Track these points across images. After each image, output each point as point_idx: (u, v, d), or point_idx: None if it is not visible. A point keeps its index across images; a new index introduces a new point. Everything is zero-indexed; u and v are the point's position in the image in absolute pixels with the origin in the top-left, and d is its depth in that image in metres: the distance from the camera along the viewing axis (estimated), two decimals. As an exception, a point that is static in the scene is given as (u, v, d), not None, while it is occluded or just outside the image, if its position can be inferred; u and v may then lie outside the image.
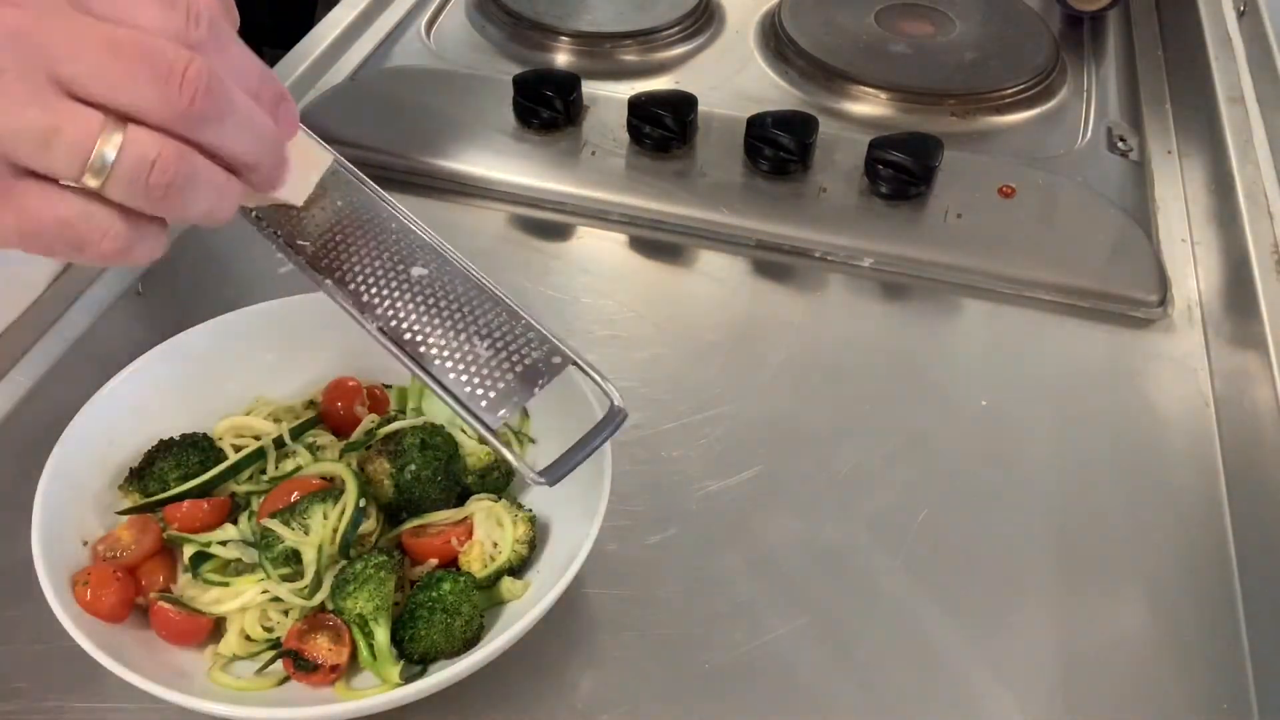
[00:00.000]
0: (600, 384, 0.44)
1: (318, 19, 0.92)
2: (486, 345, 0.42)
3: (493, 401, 0.41)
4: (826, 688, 0.49)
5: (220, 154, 0.35)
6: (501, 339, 0.43)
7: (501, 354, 0.42)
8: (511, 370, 0.42)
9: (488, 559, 0.50)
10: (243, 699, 0.45)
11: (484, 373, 0.42)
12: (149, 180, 0.32)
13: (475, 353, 0.42)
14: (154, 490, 0.51)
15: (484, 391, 0.42)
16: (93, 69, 0.31)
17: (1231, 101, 0.82)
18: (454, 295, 0.43)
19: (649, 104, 0.75)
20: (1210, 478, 0.59)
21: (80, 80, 0.31)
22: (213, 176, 0.34)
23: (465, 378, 0.42)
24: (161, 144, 0.32)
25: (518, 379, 0.42)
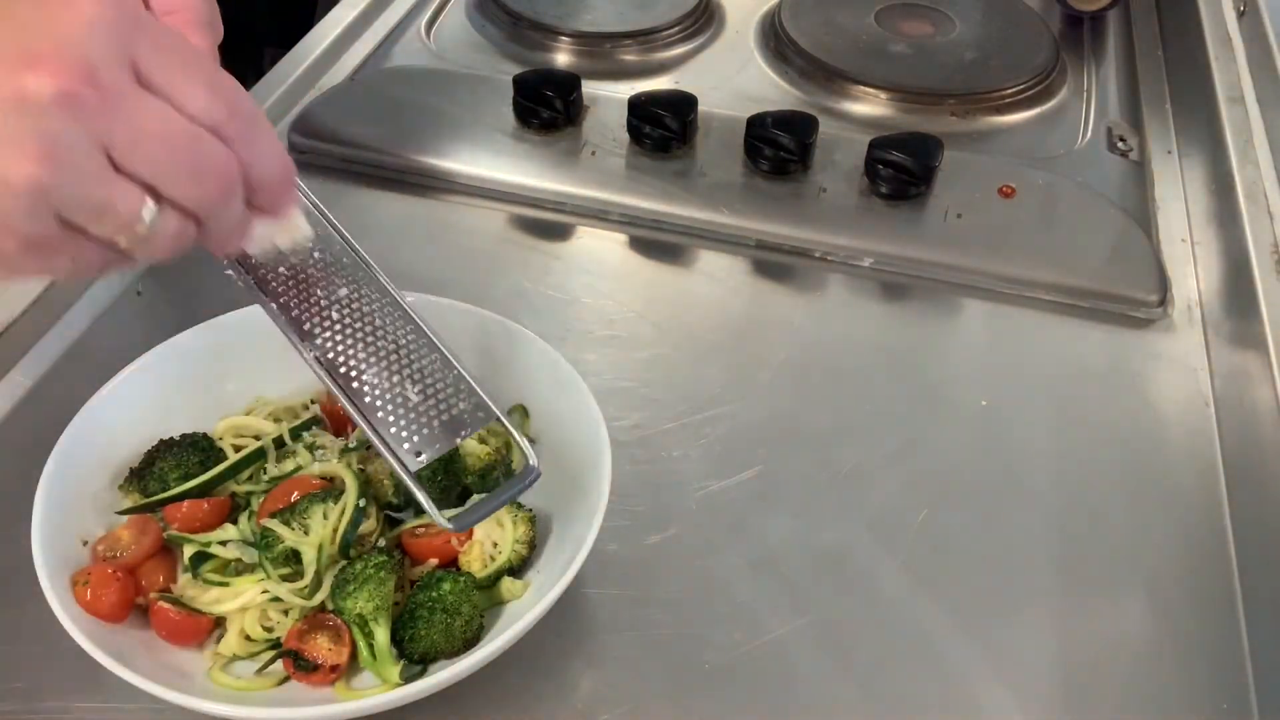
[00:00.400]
0: (518, 441, 0.46)
1: (318, 19, 0.92)
2: (417, 390, 0.44)
3: (414, 445, 0.43)
4: (826, 688, 0.49)
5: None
6: (432, 386, 0.44)
7: (430, 400, 0.44)
8: (437, 418, 0.44)
9: (488, 559, 0.50)
10: (243, 699, 0.45)
11: (410, 417, 0.43)
12: (170, 245, 0.37)
13: (405, 396, 0.44)
14: (154, 490, 0.51)
15: (408, 434, 0.43)
16: (146, 158, 0.34)
17: (1231, 101, 0.82)
18: (393, 336, 0.45)
19: (649, 104, 0.75)
20: (1210, 478, 0.59)
21: (132, 163, 0.34)
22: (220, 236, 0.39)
23: (392, 419, 0.43)
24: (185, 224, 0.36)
25: (442, 427, 0.44)
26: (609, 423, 0.51)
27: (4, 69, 0.31)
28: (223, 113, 0.36)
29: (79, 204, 0.33)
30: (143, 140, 0.34)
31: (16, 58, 0.32)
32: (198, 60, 0.36)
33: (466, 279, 0.69)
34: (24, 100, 0.31)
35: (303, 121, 0.79)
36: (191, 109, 0.35)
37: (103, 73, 0.32)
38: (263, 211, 0.39)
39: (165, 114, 0.34)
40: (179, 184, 0.35)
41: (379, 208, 0.75)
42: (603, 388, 0.60)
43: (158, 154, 0.34)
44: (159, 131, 0.34)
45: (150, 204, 0.35)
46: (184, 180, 0.35)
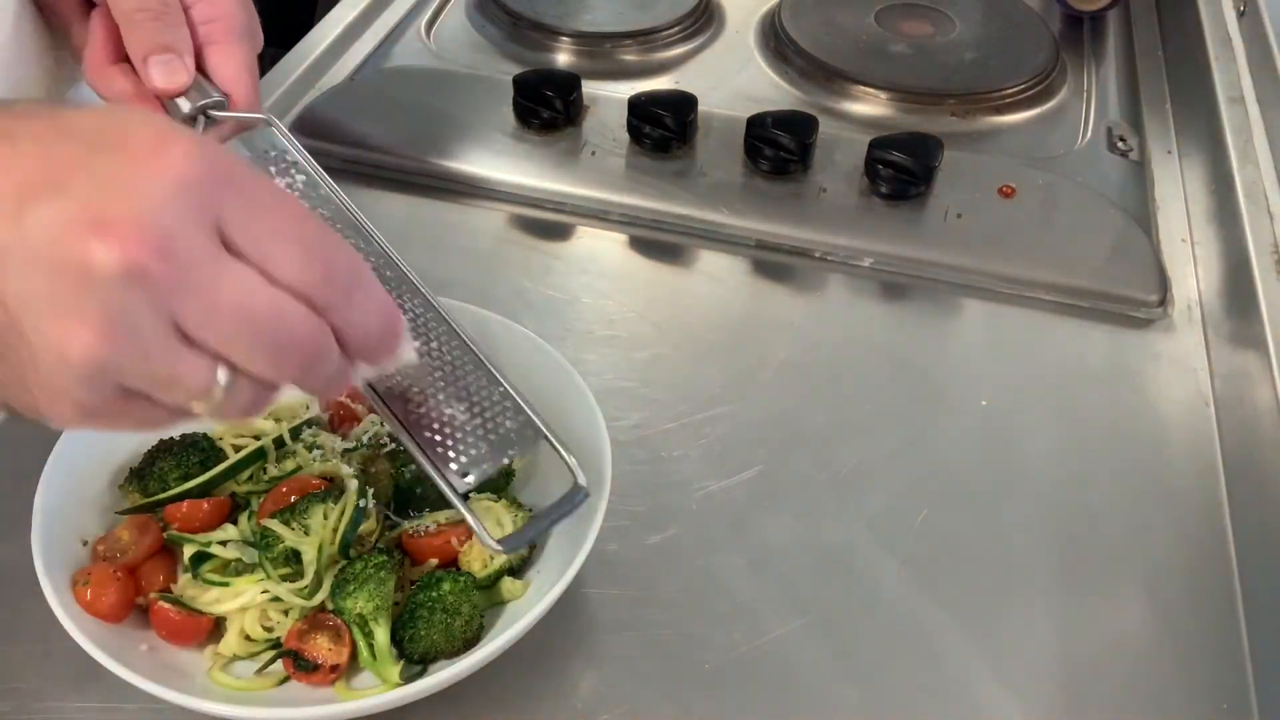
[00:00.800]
0: (566, 461, 0.44)
1: (318, 19, 0.92)
2: (464, 409, 0.43)
3: (462, 466, 0.42)
4: (826, 688, 0.49)
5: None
6: (478, 404, 0.43)
7: (476, 420, 0.43)
8: (484, 439, 0.43)
9: (488, 559, 0.50)
10: (243, 699, 0.45)
11: (457, 436, 0.42)
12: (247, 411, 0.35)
13: (452, 415, 0.43)
14: (154, 490, 0.51)
15: (455, 455, 0.42)
16: (219, 333, 0.32)
17: (1231, 101, 0.82)
18: (438, 352, 0.44)
19: (649, 104, 0.75)
20: (1210, 478, 0.59)
21: (204, 337, 0.31)
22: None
23: (439, 439, 0.42)
24: (261, 392, 0.34)
25: (490, 447, 0.43)
26: (609, 423, 0.51)
27: (72, 232, 0.29)
28: (317, 278, 0.33)
29: (141, 378, 0.31)
30: (217, 313, 0.31)
31: (87, 221, 0.29)
32: (295, 220, 0.33)
33: (466, 279, 0.69)
34: (87, 270, 0.29)
35: (303, 121, 0.79)
36: (281, 275, 0.32)
37: (179, 242, 0.30)
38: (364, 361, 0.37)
39: (246, 284, 0.31)
40: (256, 359, 0.32)
41: (379, 208, 0.75)
42: (603, 388, 0.61)
43: (233, 327, 0.31)
44: (237, 305, 0.31)
45: (224, 373, 0.32)
46: (262, 354, 0.32)
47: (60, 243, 0.29)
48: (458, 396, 0.43)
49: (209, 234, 0.31)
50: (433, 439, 0.42)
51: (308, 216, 0.34)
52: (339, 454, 0.52)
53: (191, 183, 0.30)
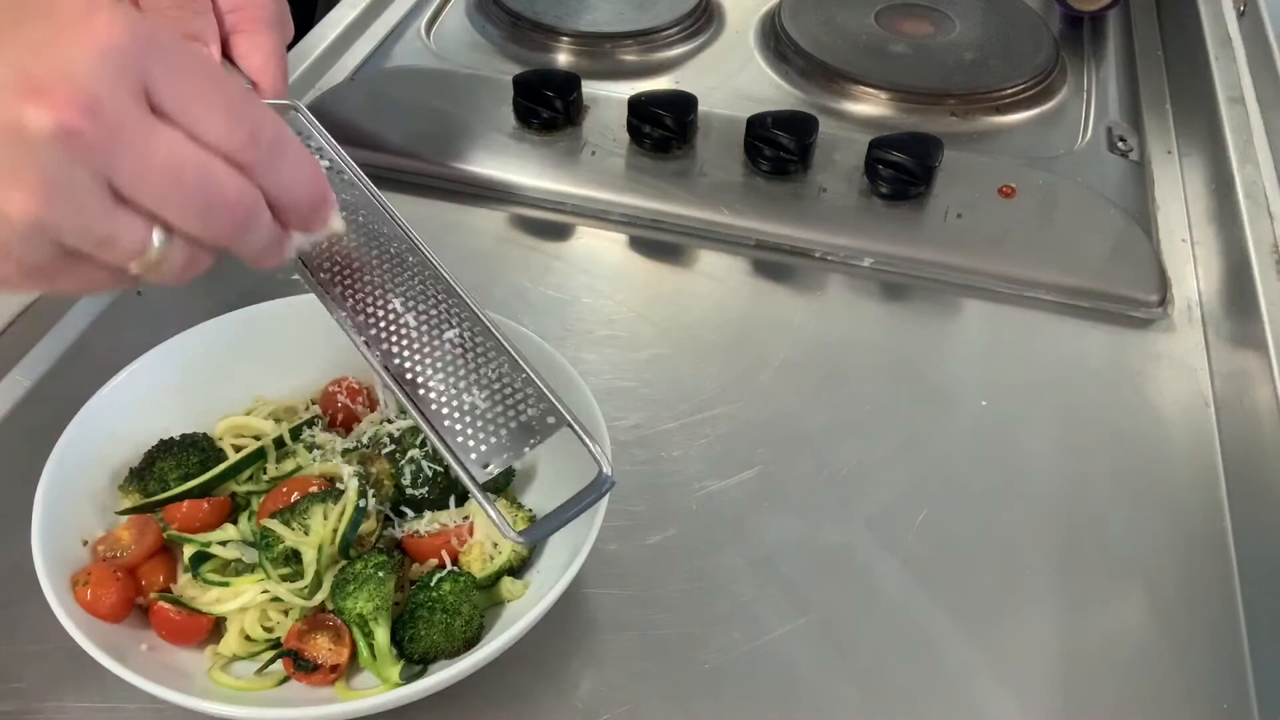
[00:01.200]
0: (591, 449, 0.43)
1: (318, 19, 0.92)
2: (485, 396, 0.42)
3: (482, 455, 0.41)
4: (826, 688, 0.49)
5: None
6: (500, 391, 0.43)
7: (498, 407, 0.42)
8: (505, 426, 0.42)
9: (488, 559, 0.50)
10: (243, 699, 0.45)
11: (478, 424, 0.42)
12: (181, 274, 0.36)
13: (473, 403, 0.42)
14: (154, 490, 0.51)
15: (475, 444, 0.41)
16: (151, 191, 0.33)
17: (1231, 101, 0.82)
18: (460, 339, 0.43)
19: (649, 104, 0.75)
20: (1210, 478, 0.59)
21: (137, 197, 0.33)
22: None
23: (459, 427, 0.42)
24: (196, 251, 0.35)
25: (510, 435, 0.42)
26: (609, 423, 0.51)
27: (4, 97, 0.30)
28: (241, 139, 0.34)
29: (79, 236, 0.33)
30: (148, 172, 0.32)
31: (18, 86, 0.30)
32: (219, 84, 0.34)
33: (466, 279, 0.68)
34: (21, 132, 0.30)
35: (303, 121, 0.79)
36: (207, 137, 0.34)
37: (107, 103, 0.31)
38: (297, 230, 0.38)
39: (174, 144, 0.33)
40: (187, 217, 0.34)
41: (379, 208, 0.75)
42: (603, 388, 0.61)
43: (164, 186, 0.33)
44: (166, 163, 0.33)
45: (159, 233, 0.34)
46: (193, 213, 0.34)
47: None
48: (479, 384, 0.42)
49: (136, 96, 0.32)
50: (453, 428, 0.42)
51: (231, 83, 0.35)
52: (339, 454, 0.52)
53: (117, 47, 0.31)
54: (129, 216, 0.33)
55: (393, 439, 0.52)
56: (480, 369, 0.43)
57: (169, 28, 0.38)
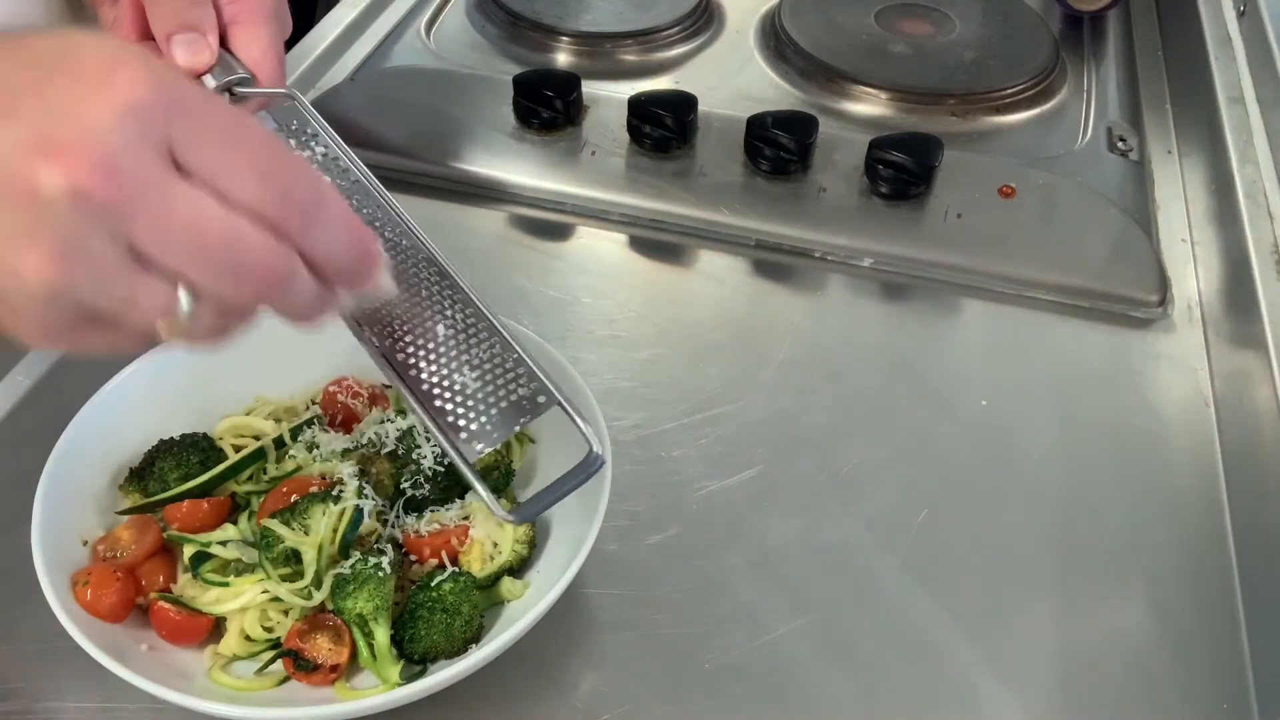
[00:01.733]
0: (582, 429, 0.43)
1: (318, 19, 0.92)
2: (476, 376, 0.42)
3: (473, 434, 0.41)
4: (826, 688, 0.49)
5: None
6: (491, 371, 0.42)
7: (489, 387, 0.42)
8: (496, 405, 0.42)
9: (488, 559, 0.50)
10: (243, 699, 0.45)
11: (469, 404, 0.42)
12: (212, 336, 0.35)
13: (464, 383, 0.42)
14: (154, 490, 0.51)
15: (465, 424, 0.41)
16: (172, 254, 0.32)
17: (1231, 101, 0.82)
18: (452, 320, 0.43)
19: (649, 104, 0.75)
20: (1210, 478, 0.59)
21: (158, 257, 0.32)
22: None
23: (450, 407, 0.41)
24: (227, 314, 0.35)
25: (500, 414, 0.42)
26: (609, 423, 0.51)
27: (21, 157, 0.29)
28: (274, 200, 0.33)
29: (99, 298, 0.32)
30: (168, 233, 0.31)
31: (35, 146, 0.29)
32: (249, 143, 0.33)
33: (466, 278, 0.68)
34: (36, 193, 0.29)
35: (303, 121, 0.79)
36: (235, 196, 0.32)
37: (125, 162, 0.30)
38: (342, 288, 0.37)
39: (197, 204, 0.31)
40: (213, 279, 0.32)
41: (379, 208, 0.75)
42: (603, 388, 0.61)
43: (186, 248, 0.32)
44: (188, 223, 0.31)
45: (185, 295, 0.33)
46: (219, 275, 0.32)
47: (9, 167, 0.30)
48: (470, 364, 0.42)
49: (158, 155, 0.31)
50: (443, 408, 0.41)
51: (265, 139, 0.34)
52: (339, 454, 0.52)
53: (139, 105, 0.30)
54: (151, 279, 0.32)
55: (393, 439, 0.52)
56: (472, 349, 0.43)
57: (197, 86, 0.36)
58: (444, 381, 0.42)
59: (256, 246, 0.33)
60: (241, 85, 0.47)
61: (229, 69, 0.47)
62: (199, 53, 0.47)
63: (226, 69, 0.47)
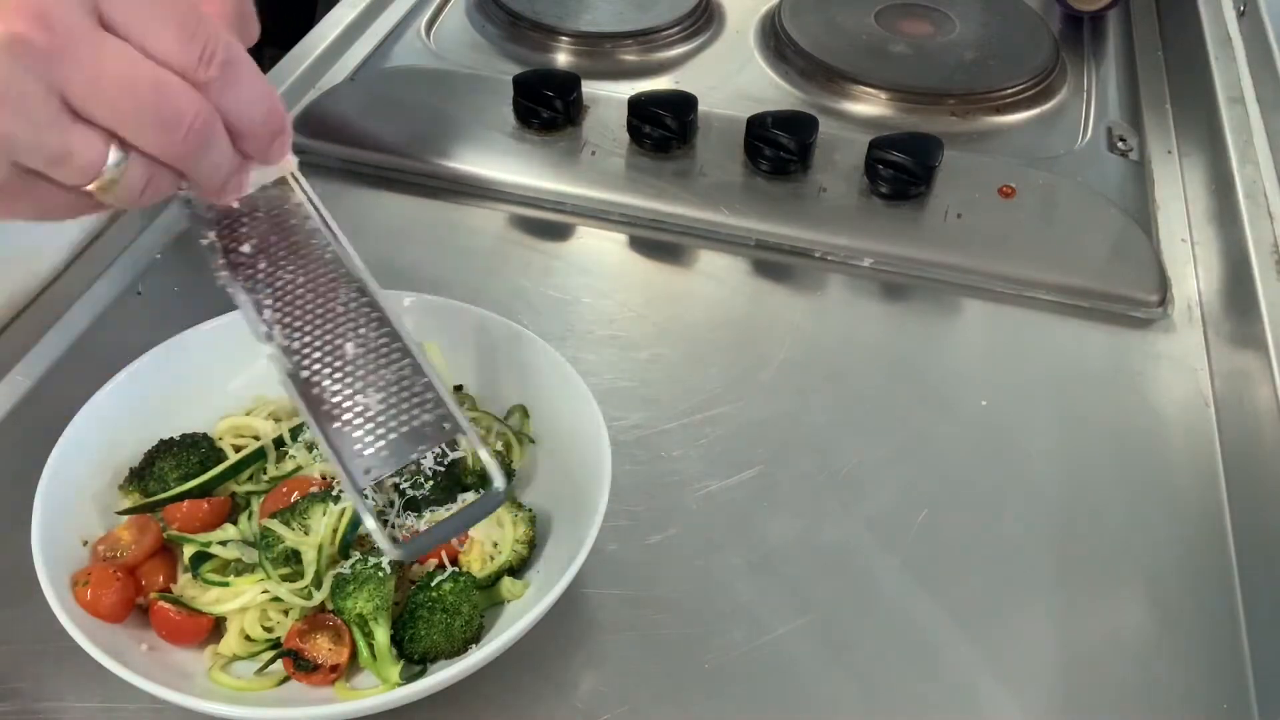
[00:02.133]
0: (484, 460, 0.41)
1: (318, 19, 0.92)
2: (380, 399, 0.40)
3: (366, 459, 0.39)
4: (826, 688, 0.49)
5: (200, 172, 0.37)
6: (396, 394, 0.40)
7: (392, 410, 0.40)
8: (396, 430, 0.40)
9: (488, 559, 0.50)
10: (243, 699, 0.45)
11: (367, 428, 0.40)
12: (141, 196, 0.36)
13: (366, 405, 0.40)
14: (154, 490, 0.51)
15: (361, 447, 0.39)
16: (105, 104, 0.33)
17: (1231, 101, 0.82)
18: (364, 339, 0.41)
19: (649, 104, 0.75)
20: (1210, 478, 0.59)
21: (91, 110, 0.33)
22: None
23: (348, 429, 0.40)
24: (154, 171, 0.35)
25: (401, 439, 0.40)
26: (609, 423, 0.51)
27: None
28: (194, 56, 0.34)
29: (34, 151, 0.33)
30: (100, 85, 0.32)
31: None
32: (171, 4, 0.34)
33: (466, 279, 0.69)
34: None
35: (303, 121, 0.79)
36: (159, 52, 0.33)
37: (57, 14, 0.31)
38: (253, 159, 0.38)
39: (127, 57, 0.33)
40: (142, 132, 0.34)
41: (379, 208, 0.75)
42: (603, 388, 0.61)
43: (117, 99, 0.33)
44: (118, 76, 0.33)
45: (115, 151, 0.34)
46: (148, 128, 0.34)
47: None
48: (375, 386, 0.40)
49: (89, 11, 0.32)
50: (341, 429, 0.39)
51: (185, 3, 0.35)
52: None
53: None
54: (84, 131, 0.33)
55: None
56: (379, 371, 0.41)
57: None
58: (345, 402, 0.40)
59: (183, 98, 0.34)
60: None
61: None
62: None
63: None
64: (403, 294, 0.57)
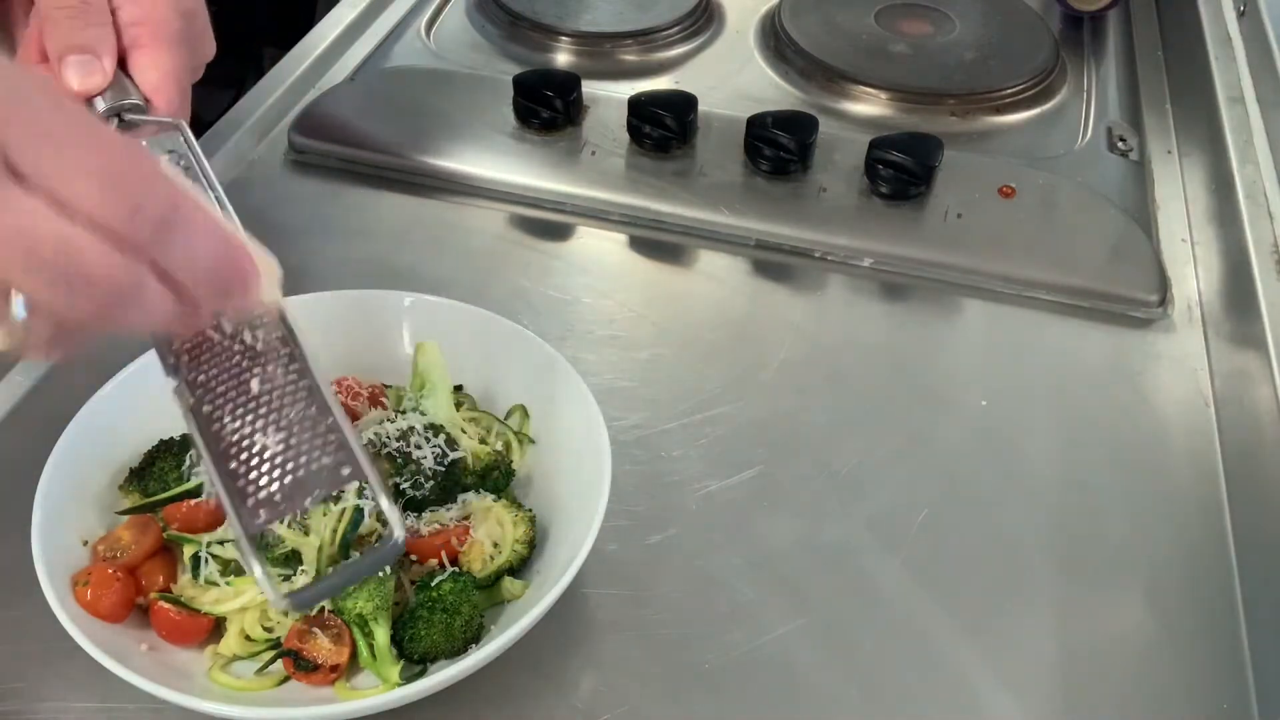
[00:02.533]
0: (386, 510, 0.38)
1: (318, 19, 0.92)
2: (280, 439, 0.38)
3: (258, 502, 0.37)
4: (826, 688, 0.49)
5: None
6: (296, 435, 0.38)
7: (289, 451, 0.38)
8: (292, 473, 0.38)
9: (488, 559, 0.50)
10: (243, 699, 0.45)
11: (262, 469, 0.38)
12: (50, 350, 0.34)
13: (264, 445, 0.38)
14: (154, 490, 0.50)
15: (254, 490, 0.37)
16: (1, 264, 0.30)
17: (1231, 101, 0.82)
18: (269, 375, 0.39)
19: (649, 104, 0.75)
20: (1210, 478, 0.59)
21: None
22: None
23: (242, 469, 0.38)
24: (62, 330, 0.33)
25: (295, 483, 0.37)
26: (609, 423, 0.51)
27: None
28: (120, 212, 0.31)
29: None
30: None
31: None
32: (98, 148, 0.31)
33: (466, 279, 0.69)
34: None
35: (303, 121, 0.79)
36: (77, 205, 0.30)
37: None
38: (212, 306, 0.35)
39: (28, 212, 0.30)
40: (45, 293, 0.31)
41: (379, 208, 0.75)
42: (603, 388, 0.61)
43: (14, 259, 0.30)
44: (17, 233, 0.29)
45: (20, 305, 0.31)
46: (50, 289, 0.31)
47: None
48: (277, 425, 0.38)
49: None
50: (236, 469, 0.37)
51: (119, 147, 0.32)
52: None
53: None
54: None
55: (393, 439, 0.52)
56: (282, 410, 0.38)
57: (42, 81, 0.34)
58: (243, 441, 0.38)
59: (93, 259, 0.31)
60: (134, 111, 0.45)
61: (123, 93, 0.46)
62: (90, 75, 0.45)
63: (121, 93, 0.45)
64: (403, 294, 0.57)
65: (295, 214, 0.73)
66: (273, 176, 0.77)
